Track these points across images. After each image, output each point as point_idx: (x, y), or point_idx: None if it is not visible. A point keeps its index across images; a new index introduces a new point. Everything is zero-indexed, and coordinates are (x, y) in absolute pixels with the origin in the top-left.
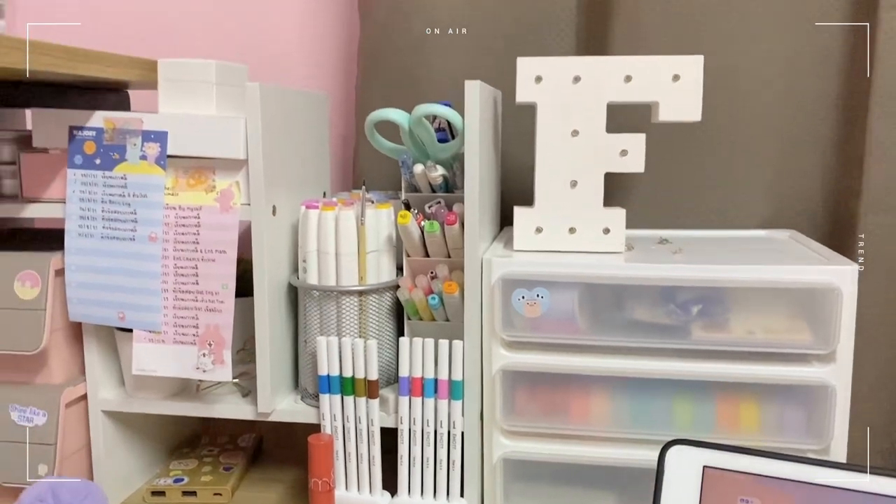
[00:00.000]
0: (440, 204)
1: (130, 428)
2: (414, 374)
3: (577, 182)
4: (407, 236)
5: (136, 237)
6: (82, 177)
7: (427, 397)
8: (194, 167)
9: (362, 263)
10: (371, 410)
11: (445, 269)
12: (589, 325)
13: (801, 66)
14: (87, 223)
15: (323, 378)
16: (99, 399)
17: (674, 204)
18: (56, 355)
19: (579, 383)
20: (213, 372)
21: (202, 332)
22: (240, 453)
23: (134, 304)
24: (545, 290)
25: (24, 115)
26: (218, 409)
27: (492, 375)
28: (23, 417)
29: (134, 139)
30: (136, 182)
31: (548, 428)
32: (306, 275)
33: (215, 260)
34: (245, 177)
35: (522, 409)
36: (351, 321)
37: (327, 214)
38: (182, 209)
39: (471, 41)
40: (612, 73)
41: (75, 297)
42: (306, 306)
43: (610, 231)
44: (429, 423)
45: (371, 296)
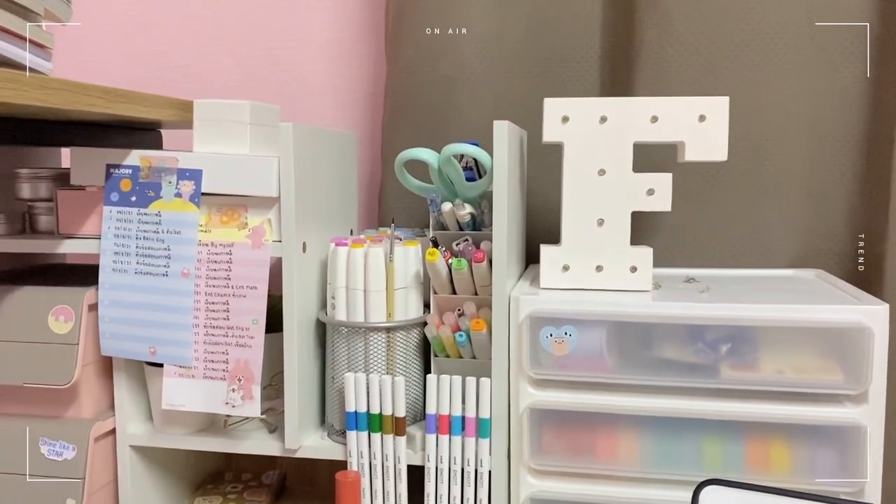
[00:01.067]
0: (468, 241)
1: (157, 463)
2: (441, 412)
3: (604, 220)
4: (435, 273)
5: (168, 273)
6: (118, 213)
7: (454, 435)
8: (227, 205)
9: (391, 300)
10: (398, 448)
11: (473, 307)
12: (617, 363)
13: (825, 105)
14: (122, 259)
15: (350, 414)
16: (127, 434)
17: (698, 243)
18: (86, 390)
19: (607, 422)
20: (241, 407)
21: (232, 368)
22: (264, 490)
23: (165, 339)
24: (573, 328)
25: (60, 154)
26: (245, 445)
27: (519, 413)
28: (52, 451)
29: (169, 177)
30: (171, 219)
31: (575, 467)
32: (335, 311)
33: (246, 296)
34: (277, 214)
35: (549, 447)
36: (378, 357)
37: (356, 252)
38: (214, 245)
39: (495, 82)
40: (639, 113)
41: (108, 332)
42: (334, 342)
43: (637, 269)
44: (456, 461)
45: (399, 332)
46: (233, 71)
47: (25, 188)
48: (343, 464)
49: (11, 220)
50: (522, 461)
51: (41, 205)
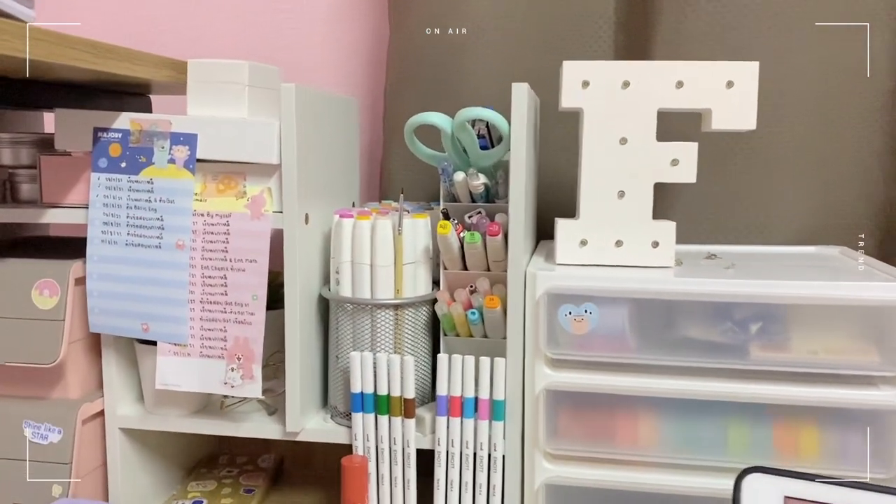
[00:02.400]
0: (481, 214)
1: (148, 446)
2: (453, 393)
3: (624, 192)
4: (446, 248)
5: (162, 244)
6: (107, 181)
7: (466, 418)
8: (224, 172)
9: (399, 276)
10: (407, 431)
11: (486, 283)
12: (639, 342)
13: (845, 75)
14: (111, 229)
15: (356, 396)
16: (117, 416)
17: (714, 218)
18: (73, 369)
19: (627, 404)
20: (241, 387)
21: (231, 346)
22: (261, 474)
23: (159, 315)
24: (594, 306)
25: (42, 118)
26: (244, 428)
27: (535, 395)
28: (37, 434)
29: (162, 142)
30: (164, 187)
31: (593, 452)
32: (339, 287)
33: (245, 269)
34: (277, 183)
35: (566, 431)
36: (386, 336)
37: (363, 224)
38: (211, 216)
39: (505, 46)
40: (663, 78)
41: (97, 307)
42: (338, 320)
43: (659, 245)
44: (468, 445)
45: (407, 310)
46: (227, 34)
47: (6, 154)
48: (347, 447)
49: None
50: (538, 445)
51: (23, 172)
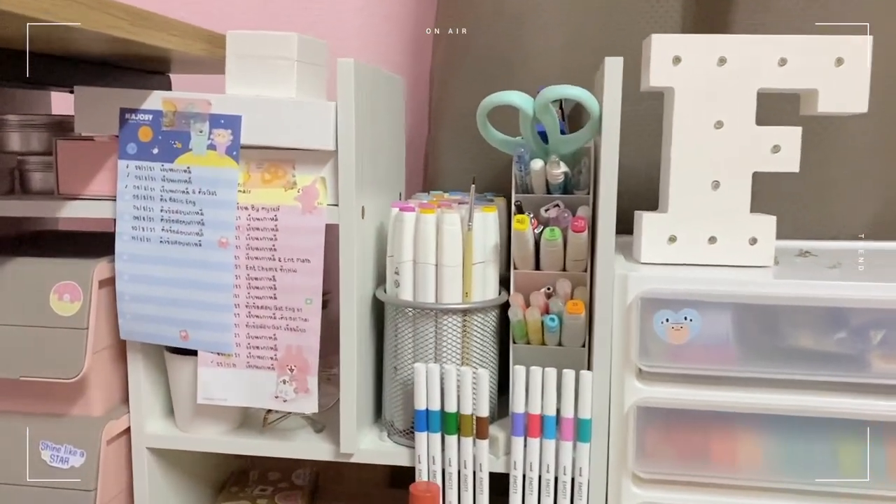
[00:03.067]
0: (559, 207)
1: (177, 466)
2: (531, 411)
3: (719, 183)
4: (521, 245)
5: (202, 242)
6: (136, 169)
7: (547, 438)
8: (270, 160)
9: (468, 277)
10: (479, 453)
11: (567, 285)
12: (741, 353)
13: None
14: (143, 225)
15: (420, 413)
16: (145, 434)
17: (798, 211)
18: (96, 382)
19: (725, 422)
20: (295, 402)
21: (282, 356)
22: (297, 493)
23: (200, 322)
24: (695, 313)
25: (49, 99)
26: (290, 448)
27: (623, 412)
28: (56, 457)
29: (200, 125)
30: (203, 176)
31: (686, 475)
32: (399, 289)
33: (297, 270)
34: (332, 172)
35: (656, 452)
36: (452, 345)
37: (427, 218)
38: (256, 210)
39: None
40: (764, 55)
41: (129, 313)
42: (397, 326)
43: (757, 241)
44: (549, 468)
45: (476, 315)
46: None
47: (14, 139)
48: (406, 470)
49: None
50: (625, 468)
51: (34, 159)
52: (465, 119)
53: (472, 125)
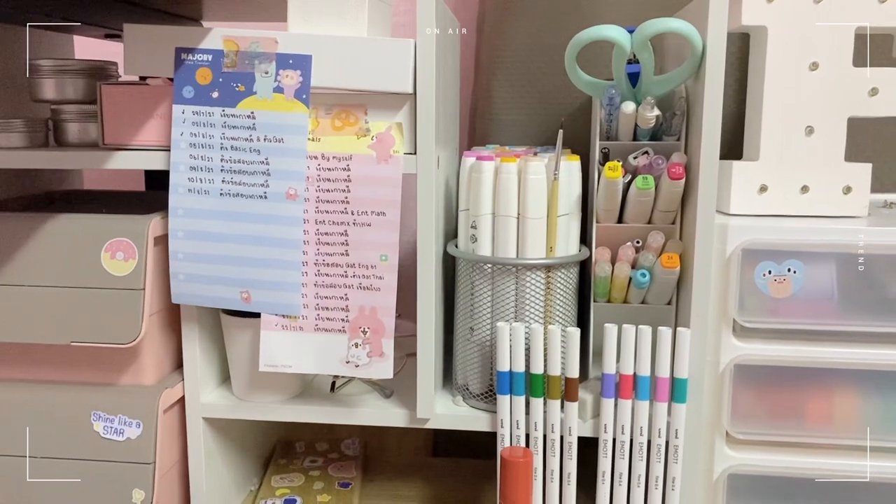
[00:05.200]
0: (648, 154)
1: (230, 437)
2: (623, 371)
3: (813, 129)
4: (610, 195)
5: (268, 194)
6: (193, 115)
7: (640, 399)
8: (340, 105)
9: (552, 230)
10: (569, 416)
11: (661, 238)
12: (842, 306)
13: None
14: (202, 176)
15: (503, 375)
16: (200, 404)
17: None
18: (149, 348)
19: (821, 379)
20: (368, 367)
21: (354, 317)
22: (351, 464)
23: (264, 282)
24: (800, 264)
25: (73, 44)
26: (363, 415)
27: (719, 371)
28: (110, 429)
29: (265, 66)
30: (269, 122)
31: (783, 434)
32: (476, 244)
33: (371, 224)
34: (408, 118)
35: (751, 411)
36: (534, 303)
37: (509, 167)
38: (326, 159)
39: None
40: None
41: (182, 273)
42: (473, 284)
43: (852, 190)
44: (642, 431)
45: (559, 271)
46: None
47: (48, 86)
48: (477, 437)
49: (32, 128)
50: (719, 429)
51: (71, 108)
52: (522, 67)
53: (529, 74)
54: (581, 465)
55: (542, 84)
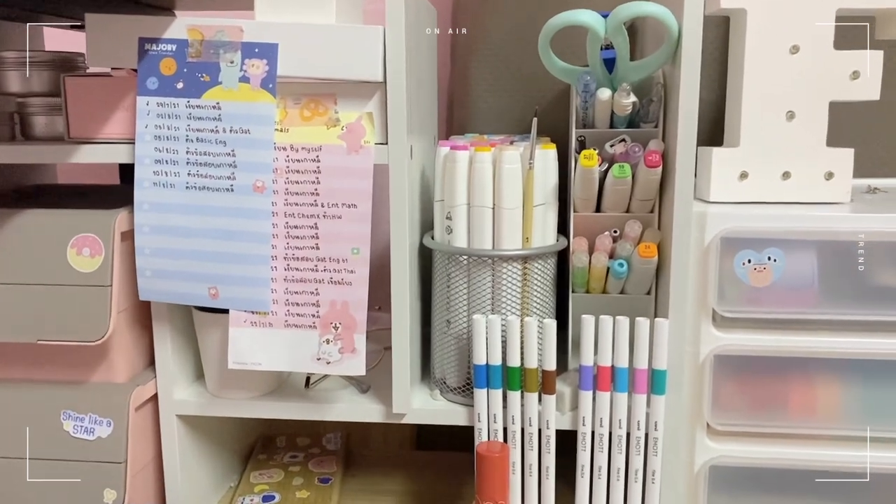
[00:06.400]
0: (625, 142)
1: (206, 434)
2: (602, 363)
3: (794, 113)
4: (586, 184)
5: (235, 187)
6: (158, 107)
7: (619, 392)
8: (309, 94)
9: (528, 220)
10: (546, 409)
11: (638, 226)
12: (823, 295)
13: None
14: (167, 169)
15: (480, 368)
16: (174, 401)
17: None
18: (119, 345)
19: (802, 368)
20: (340, 363)
21: (325, 312)
22: (331, 459)
23: (232, 277)
24: (780, 252)
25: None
26: (335, 411)
27: (699, 362)
28: (80, 428)
29: (231, 55)
30: (235, 113)
31: (764, 426)
32: (451, 235)
33: (342, 217)
34: (378, 107)
35: (731, 402)
36: (511, 295)
37: (483, 157)
38: (295, 150)
39: None
40: None
41: (149, 269)
42: (450, 275)
43: (834, 176)
44: (621, 424)
45: (536, 262)
46: None
47: (13, 79)
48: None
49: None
50: (699, 420)
51: (37, 101)
52: (501, 53)
53: (508, 60)
54: (559, 459)
55: (522, 70)
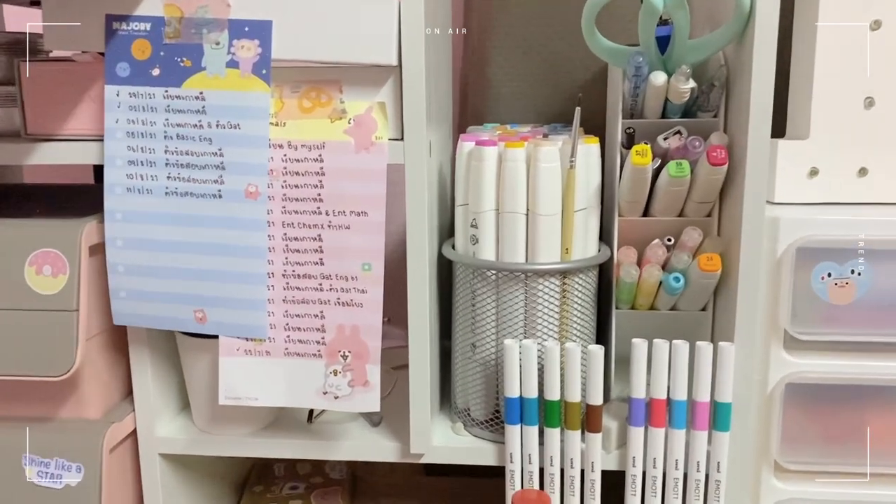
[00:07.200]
0: (680, 135)
1: (195, 471)
2: (655, 395)
3: (873, 100)
4: (638, 185)
5: (224, 192)
6: (130, 98)
7: (675, 428)
8: (309, 81)
9: (568, 228)
10: (590, 449)
11: (697, 235)
12: None
13: None
14: (142, 172)
15: (513, 402)
16: (156, 438)
17: None
18: (91, 376)
19: (886, 398)
20: (350, 398)
21: (332, 339)
22: (336, 490)
23: (221, 298)
24: (866, 264)
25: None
26: (346, 449)
27: (767, 391)
28: (45, 474)
29: (216, 35)
30: (222, 104)
31: (839, 463)
32: (477, 246)
33: (350, 226)
34: (392, 96)
35: (803, 437)
36: (548, 315)
37: (515, 154)
38: (293, 147)
39: None
40: None
41: (123, 290)
42: (475, 292)
43: None
44: (678, 465)
45: (577, 277)
46: None
47: None
48: (478, 469)
49: None
50: (766, 458)
51: None
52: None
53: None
54: None
55: (547, 50)
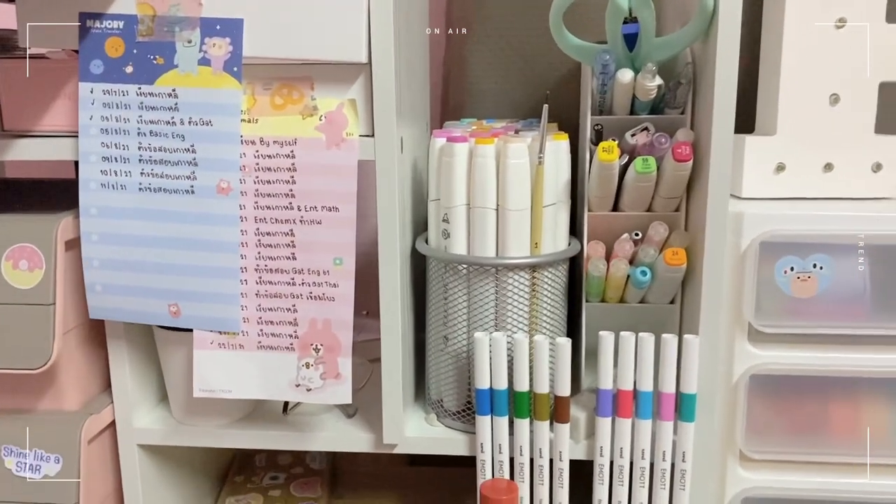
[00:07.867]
0: (648, 131)
1: (173, 460)
2: (622, 386)
3: (838, 97)
4: (605, 181)
5: (196, 188)
6: (104, 95)
7: (642, 419)
8: (281, 78)
9: (537, 223)
10: (559, 439)
11: (663, 229)
12: (875, 306)
13: None
14: (116, 168)
15: (483, 393)
16: (134, 429)
17: None
18: (68, 369)
19: (848, 390)
20: (322, 391)
21: (304, 332)
22: (316, 480)
23: (194, 293)
24: (828, 259)
25: None
26: (320, 440)
27: (733, 383)
28: (23, 465)
29: (188, 33)
30: (194, 101)
31: (803, 453)
32: (449, 240)
33: (321, 221)
34: (363, 92)
35: (767, 427)
36: (518, 308)
37: (485, 150)
38: (266, 144)
39: None
40: None
41: (99, 284)
42: (447, 286)
43: (883, 168)
44: (644, 455)
45: (546, 271)
46: None
47: None
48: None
49: None
50: (732, 448)
51: None
52: (500, 27)
53: (509, 35)
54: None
55: (525, 47)
